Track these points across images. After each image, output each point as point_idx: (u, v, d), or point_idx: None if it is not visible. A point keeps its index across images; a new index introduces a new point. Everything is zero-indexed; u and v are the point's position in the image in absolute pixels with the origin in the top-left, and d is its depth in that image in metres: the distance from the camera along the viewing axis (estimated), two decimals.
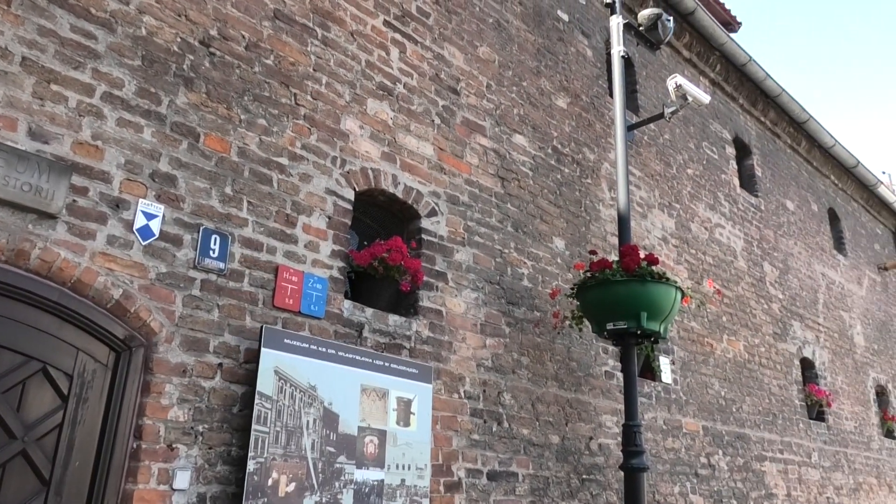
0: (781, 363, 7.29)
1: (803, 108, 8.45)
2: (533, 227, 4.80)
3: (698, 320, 6.19)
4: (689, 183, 6.68)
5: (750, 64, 7.60)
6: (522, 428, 4.29)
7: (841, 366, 8.49)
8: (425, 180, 4.12)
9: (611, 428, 4.89)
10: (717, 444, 5.97)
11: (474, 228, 4.35)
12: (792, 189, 8.68)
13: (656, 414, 5.40)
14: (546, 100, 5.24)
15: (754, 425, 6.53)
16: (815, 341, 8.07)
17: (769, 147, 8.47)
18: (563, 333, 4.75)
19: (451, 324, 4.05)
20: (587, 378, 4.90)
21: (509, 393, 4.28)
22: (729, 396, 6.31)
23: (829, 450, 7.66)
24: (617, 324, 3.98)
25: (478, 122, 4.58)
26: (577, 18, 5.88)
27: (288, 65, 3.61)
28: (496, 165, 4.64)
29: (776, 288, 7.60)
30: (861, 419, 8.56)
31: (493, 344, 4.26)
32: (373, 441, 3.44)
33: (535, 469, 4.29)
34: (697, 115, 7.14)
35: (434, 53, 4.41)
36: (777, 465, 6.69)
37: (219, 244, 3.15)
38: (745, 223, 7.42)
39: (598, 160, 5.59)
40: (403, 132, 4.07)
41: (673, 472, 5.39)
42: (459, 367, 4.03)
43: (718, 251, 6.80)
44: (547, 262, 4.84)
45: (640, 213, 5.84)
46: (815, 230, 8.90)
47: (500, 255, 4.50)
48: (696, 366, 6.01)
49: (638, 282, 3.93)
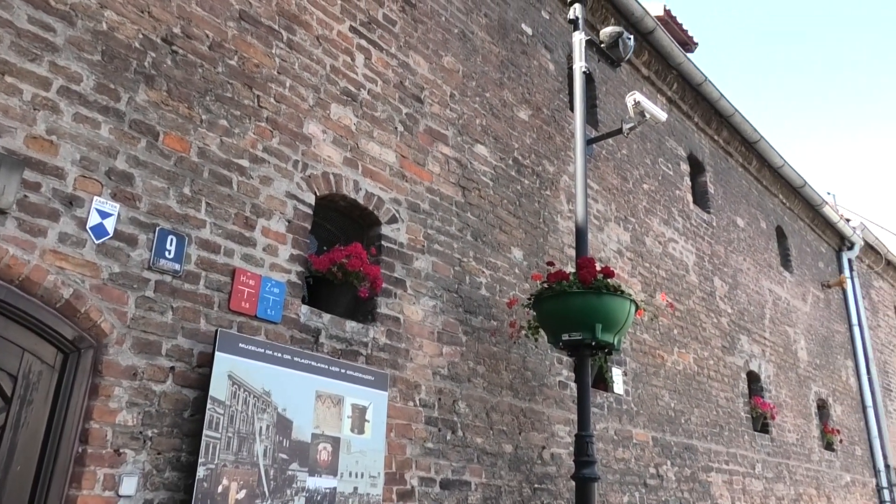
0: (729, 376, 7.48)
1: (755, 128, 8.71)
2: (492, 236, 4.84)
3: (651, 333, 6.31)
4: (645, 198, 6.82)
5: (705, 84, 7.81)
6: (476, 437, 4.31)
7: (785, 379, 8.75)
8: (387, 187, 4.12)
9: (563, 437, 4.95)
10: (665, 455, 6.09)
11: (434, 236, 4.37)
12: (742, 207, 8.94)
13: (608, 424, 5.48)
14: (508, 111, 5.30)
15: (702, 436, 6.68)
16: (762, 355, 8.31)
17: (722, 165, 8.70)
18: (519, 343, 4.79)
19: (408, 331, 4.05)
20: (541, 388, 4.95)
21: (464, 401, 4.29)
22: (678, 408, 6.45)
23: (772, 461, 7.88)
24: (572, 335, 4.03)
25: (440, 131, 4.61)
26: (541, 33, 5.97)
27: (252, 66, 3.57)
28: (457, 174, 4.66)
29: (725, 302, 7.80)
30: (803, 432, 8.83)
31: (449, 352, 4.28)
32: (326, 448, 3.42)
33: (488, 478, 4.31)
34: (654, 132, 7.30)
35: (399, 61, 4.42)
36: (723, 475, 6.85)
37: (175, 245, 3.10)
38: (697, 238, 7.60)
39: (557, 172, 5.67)
40: (366, 138, 4.07)
41: (623, 482, 5.48)
42: (416, 375, 4.03)
43: (671, 265, 6.96)
44: (505, 271, 4.88)
45: (596, 225, 5.94)
46: (763, 247, 9.17)
47: (459, 264, 4.52)
48: (648, 377, 6.13)
49: (594, 294, 4.00)
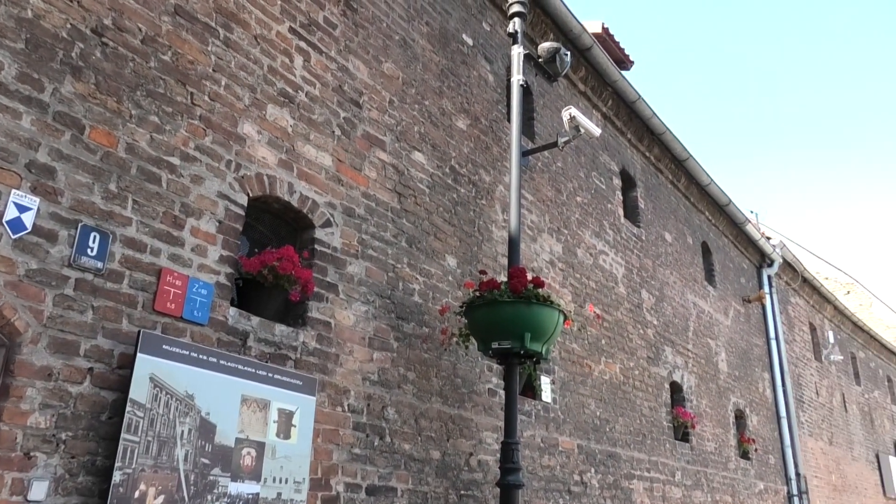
0: (653, 386, 7.71)
1: (684, 147, 9.03)
2: (427, 243, 4.87)
3: (579, 342, 6.45)
4: (578, 210, 6.99)
5: (639, 102, 8.06)
6: (404, 443, 4.32)
7: (706, 390, 9.08)
8: (322, 190, 4.10)
9: (491, 444, 5.01)
10: (590, 462, 6.23)
11: (368, 242, 4.37)
12: (671, 222, 9.25)
13: (535, 432, 5.58)
14: (447, 120, 5.35)
15: (625, 445, 6.87)
16: (685, 366, 8.60)
17: (652, 181, 8.99)
18: (450, 350, 4.83)
19: (339, 336, 4.03)
20: (471, 395, 5.00)
21: (393, 407, 4.30)
22: (604, 416, 6.61)
23: (691, 469, 8.16)
24: (502, 343, 4.10)
25: (378, 137, 4.61)
26: (481, 44, 6.05)
27: (186, 63, 3.50)
28: (394, 181, 4.68)
29: (652, 314, 8.05)
30: (721, 441, 9.18)
31: (380, 358, 4.28)
32: (250, 453, 3.36)
33: (415, 484, 4.33)
34: (589, 146, 7.48)
35: (339, 65, 4.41)
36: (644, 483, 7.05)
37: (98, 242, 3.00)
38: (626, 251, 7.82)
39: (493, 182, 5.75)
40: (303, 141, 4.04)
41: (547, 489, 5.58)
42: (345, 380, 4.01)
43: (601, 277, 7.14)
44: (438, 279, 4.91)
45: (530, 236, 6.04)
46: (689, 262, 9.51)
47: (393, 270, 4.53)
48: (575, 386, 6.26)
49: (524, 303, 4.07)
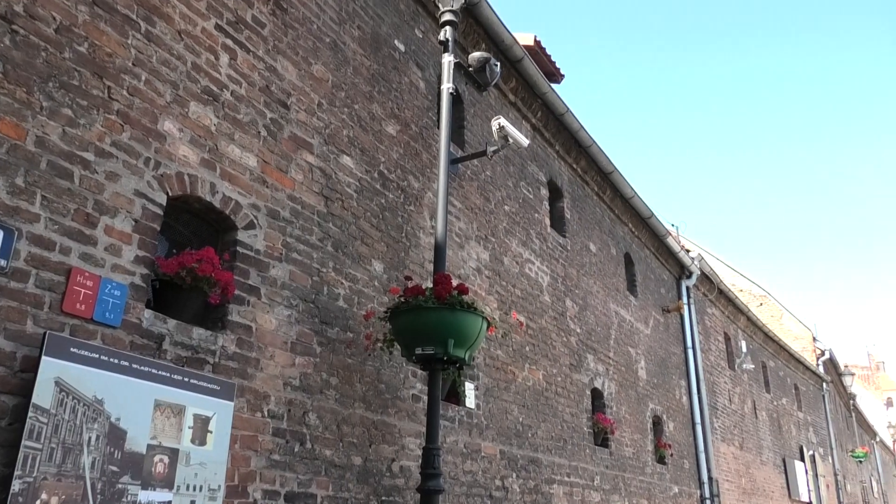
0: (575, 392, 7.88)
1: (610, 160, 9.30)
2: (353, 248, 4.84)
3: (504, 349, 6.54)
4: (506, 219, 7.09)
5: (567, 115, 8.26)
6: (326, 449, 4.27)
7: (625, 397, 9.34)
8: (246, 191, 4.03)
9: (413, 450, 5.01)
10: (511, 468, 6.31)
11: (293, 245, 4.31)
12: (595, 233, 9.49)
13: (458, 437, 5.61)
14: (376, 125, 5.34)
15: (547, 450, 6.99)
16: (606, 373, 8.83)
17: (579, 192, 9.21)
18: (374, 356, 4.81)
19: (260, 340, 3.96)
20: (394, 401, 4.99)
21: (315, 413, 4.25)
22: (526, 422, 6.71)
23: (610, 473, 8.37)
24: (425, 349, 4.11)
25: (306, 139, 4.57)
26: (413, 50, 6.07)
27: (104, 55, 3.38)
28: (321, 184, 4.63)
29: (575, 322, 8.23)
30: (639, 446, 9.46)
31: (302, 363, 4.22)
32: (163, 460, 3.26)
33: (335, 490, 4.28)
34: (517, 156, 7.61)
35: (266, 65, 4.35)
36: (564, 487, 7.19)
37: (2, 239, 2.86)
38: (552, 261, 7.98)
39: (422, 189, 5.77)
40: (227, 140, 3.96)
41: (469, 494, 5.62)
42: (265, 385, 3.94)
43: (527, 285, 7.26)
44: (364, 283, 4.89)
45: (457, 243, 6.09)
46: (612, 272, 9.78)
47: (318, 274, 4.48)
48: (499, 392, 6.34)
49: (448, 310, 4.10)
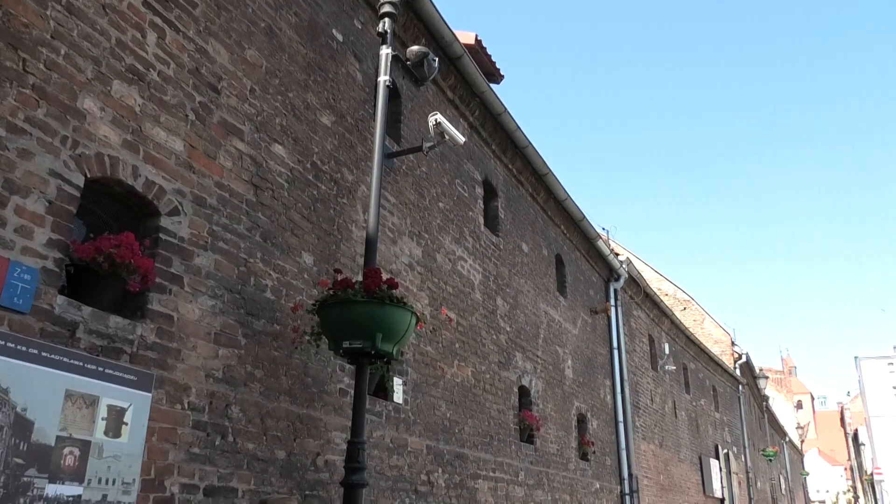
0: (503, 389, 7.97)
1: (545, 162, 9.44)
2: (283, 239, 4.75)
3: (433, 345, 6.55)
4: (440, 216, 7.10)
5: (504, 115, 8.34)
6: (248, 442, 4.18)
7: (552, 395, 9.51)
8: (171, 176, 3.90)
9: (339, 444, 4.96)
10: (437, 463, 6.33)
11: (219, 234, 4.20)
12: (528, 233, 9.62)
13: (385, 432, 5.59)
14: (311, 114, 5.26)
15: (473, 446, 7.04)
16: (533, 371, 8.96)
17: (513, 193, 9.31)
18: (301, 349, 4.74)
19: (181, 330, 3.84)
20: (321, 395, 4.93)
21: (238, 406, 4.15)
22: (454, 418, 6.74)
23: (534, 469, 8.50)
24: (353, 343, 4.07)
25: (236, 125, 4.45)
26: (352, 41, 6.01)
27: (20, 25, 3.21)
28: (251, 172, 4.53)
29: (505, 321, 8.32)
30: (563, 443, 9.64)
31: (226, 354, 4.12)
32: (73, 452, 3.12)
33: (257, 484, 4.20)
34: (454, 154, 7.63)
35: (197, 46, 4.21)
36: (489, 482, 7.26)
37: None
38: (484, 259, 8.05)
39: (355, 182, 5.72)
40: (151, 122, 3.82)
41: (394, 489, 5.60)
42: (186, 377, 3.82)
43: (459, 282, 7.29)
44: (293, 276, 4.81)
45: (390, 238, 6.07)
46: (543, 272, 9.93)
47: (245, 264, 4.38)
48: (427, 388, 6.34)
49: (377, 304, 4.07)
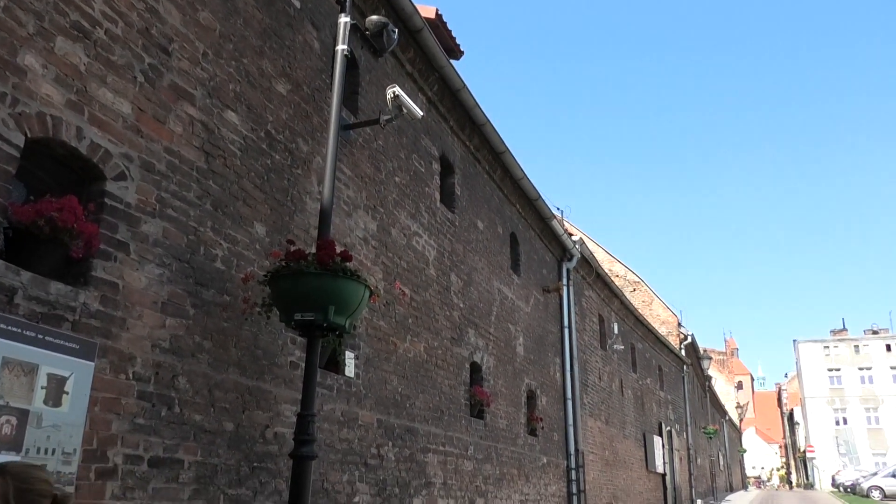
0: (454, 365, 8.02)
1: (502, 140, 9.44)
2: (234, 208, 4.66)
3: (386, 320, 6.54)
4: (396, 190, 7.05)
5: (463, 91, 8.29)
6: (195, 414, 4.12)
7: (503, 371, 9.62)
8: (118, 140, 3.76)
9: (289, 417, 4.93)
10: (388, 437, 6.35)
11: (168, 201, 4.08)
12: (484, 211, 9.64)
13: (336, 406, 5.58)
14: (266, 82, 5.14)
15: (424, 420, 7.09)
16: (485, 348, 9.04)
17: (470, 170, 9.30)
18: (251, 320, 4.67)
19: (127, 299, 3.74)
20: (271, 367, 4.88)
21: (185, 377, 4.08)
22: (405, 393, 6.77)
23: (484, 444, 8.61)
24: (305, 315, 4.03)
25: (188, 90, 4.32)
26: (310, 8, 5.87)
27: None
28: (202, 139, 4.41)
29: (459, 297, 8.35)
30: (512, 418, 9.79)
31: (173, 324, 4.03)
32: (10, 422, 3.03)
33: (204, 456, 4.15)
34: (411, 129, 7.57)
35: (147, 5, 4.05)
36: (439, 456, 7.33)
37: None
38: (440, 235, 8.04)
39: (311, 153, 5.62)
40: (98, 82, 3.67)
41: (344, 462, 5.61)
42: (131, 346, 3.73)
43: (413, 258, 7.28)
44: (245, 246, 4.72)
45: (345, 211, 6.00)
46: (497, 250, 9.98)
47: (195, 233, 4.28)
48: (379, 362, 6.34)
49: (330, 276, 4.03)
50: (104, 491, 3.48)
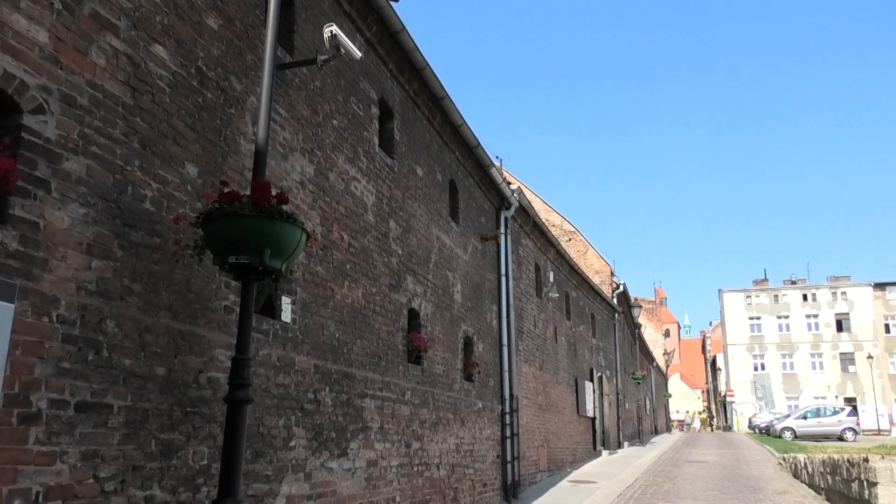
0: (392, 312, 8.05)
1: (442, 85, 9.33)
2: (164, 147, 4.47)
3: (324, 265, 6.48)
4: (333, 134, 6.91)
5: (403, 33, 8.11)
6: (125, 358, 4.02)
7: (440, 318, 9.72)
8: (34, 70, 3.53)
9: (223, 362, 4.87)
10: (325, 382, 6.37)
11: (92, 137, 3.89)
12: (423, 157, 9.58)
13: (271, 351, 5.54)
14: (196, 15, 4.89)
15: (361, 366, 7.13)
16: (423, 295, 9.10)
17: (409, 115, 9.18)
18: (183, 264, 4.55)
19: (49, 239, 3.57)
20: (205, 311, 4.79)
21: (114, 321, 3.96)
22: (342, 338, 6.77)
23: (420, 389, 8.75)
24: (240, 258, 3.95)
25: (111, 20, 4.07)
26: None
27: None
28: (128, 73, 4.19)
29: (397, 244, 8.34)
30: (449, 364, 9.95)
31: (100, 266, 3.88)
32: None
33: (134, 401, 4.07)
34: (349, 71, 7.39)
35: None
36: (376, 401, 7.41)
37: None
38: (378, 181, 7.96)
39: (244, 92, 5.43)
40: (10, 7, 3.41)
41: (280, 407, 5.60)
42: (55, 289, 3.59)
43: (351, 203, 7.19)
44: (175, 187, 4.56)
45: (281, 153, 5.85)
46: (436, 197, 9.97)
47: (121, 172, 4.10)
48: (316, 308, 6.31)
49: (266, 218, 3.95)
50: (27, 436, 3.37)
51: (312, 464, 6.02)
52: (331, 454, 6.36)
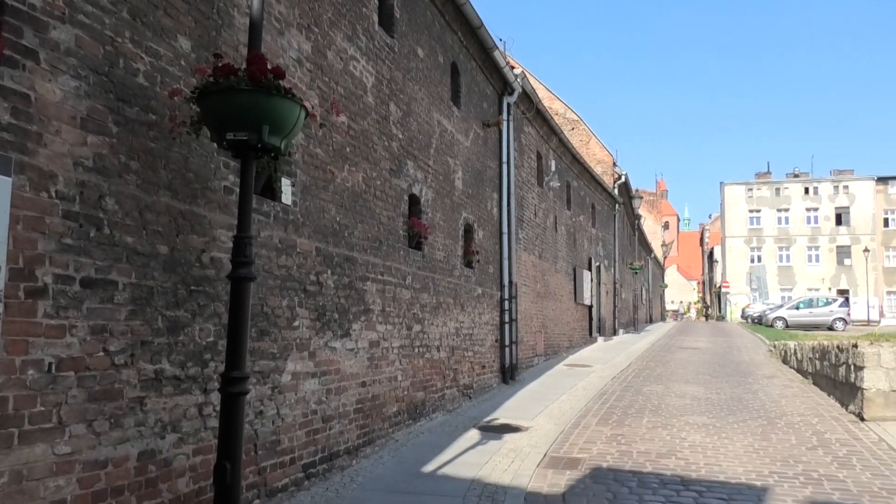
0: (393, 197, 8.02)
1: None
2: (155, 18, 4.27)
3: (323, 148, 6.38)
4: (331, 9, 6.61)
5: None
6: (127, 236, 4.02)
7: (441, 204, 9.70)
8: None
9: (225, 242, 4.88)
10: (327, 265, 6.42)
11: (79, 5, 3.70)
12: (424, 38, 9.22)
13: (273, 233, 5.54)
14: None
15: (362, 250, 7.17)
16: (424, 181, 9.03)
17: None
18: (181, 142, 4.46)
19: (42, 112, 3.48)
20: (204, 191, 4.75)
21: (113, 198, 3.92)
22: (343, 222, 6.77)
23: (421, 274, 8.86)
24: (238, 134, 3.86)
25: None
26: None
27: None
28: None
29: (398, 128, 8.18)
30: (449, 251, 10.02)
31: (96, 142, 3.81)
32: None
33: (139, 278, 4.10)
34: None
35: None
36: (377, 285, 7.51)
37: None
38: (378, 62, 7.70)
39: None
40: None
41: (283, 287, 5.68)
42: (51, 164, 3.53)
43: (351, 83, 6.99)
44: (168, 61, 4.40)
45: (277, 29, 5.62)
46: (437, 80, 9.69)
47: (112, 44, 3.94)
48: (317, 191, 6.26)
49: (263, 93, 3.82)
50: (35, 309, 3.42)
51: (316, 343, 6.17)
52: (334, 334, 6.52)
